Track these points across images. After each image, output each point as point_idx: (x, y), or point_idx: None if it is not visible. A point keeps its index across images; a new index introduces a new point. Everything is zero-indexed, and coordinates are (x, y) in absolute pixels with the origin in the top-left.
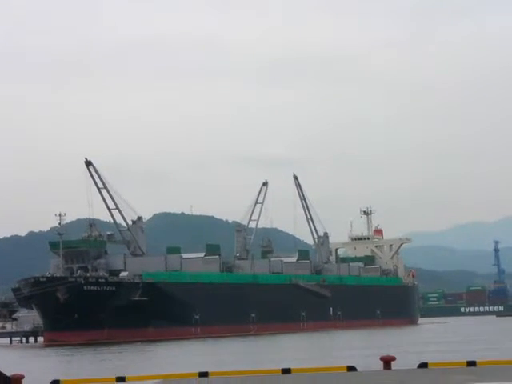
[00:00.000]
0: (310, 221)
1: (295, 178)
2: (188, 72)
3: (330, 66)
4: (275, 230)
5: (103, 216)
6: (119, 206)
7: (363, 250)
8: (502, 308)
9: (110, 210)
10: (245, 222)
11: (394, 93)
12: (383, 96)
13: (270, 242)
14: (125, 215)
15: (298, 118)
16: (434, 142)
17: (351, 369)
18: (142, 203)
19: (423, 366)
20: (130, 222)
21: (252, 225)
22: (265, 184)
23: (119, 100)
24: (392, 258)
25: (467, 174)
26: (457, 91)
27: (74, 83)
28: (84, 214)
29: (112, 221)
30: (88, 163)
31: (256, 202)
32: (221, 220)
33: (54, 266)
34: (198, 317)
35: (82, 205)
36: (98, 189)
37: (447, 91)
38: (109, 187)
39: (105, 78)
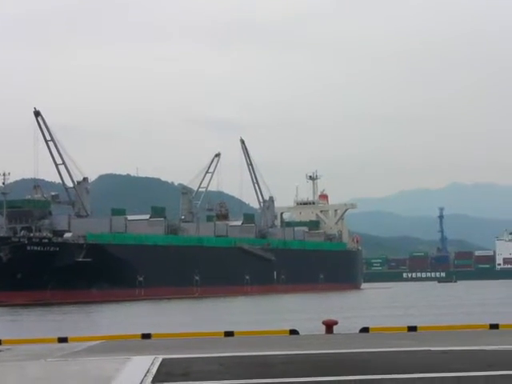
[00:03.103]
0: (255, 185)
1: (242, 142)
2: (141, 32)
3: (280, 31)
4: (221, 194)
5: (48, 176)
6: (66, 163)
7: (308, 215)
8: (443, 274)
9: (56, 165)
10: (191, 186)
11: (342, 59)
12: (332, 62)
13: (224, 204)
14: (71, 173)
15: (247, 81)
16: (380, 108)
17: (293, 332)
18: (87, 163)
19: (365, 330)
20: (75, 183)
21: (201, 190)
22: (217, 155)
23: (69, 56)
24: (337, 223)
25: (413, 139)
26: (401, 56)
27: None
28: (29, 174)
29: (57, 181)
30: (37, 113)
31: (206, 172)
32: (167, 182)
33: None
34: (141, 279)
35: (27, 163)
36: (46, 141)
37: (391, 57)
38: (56, 141)
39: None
